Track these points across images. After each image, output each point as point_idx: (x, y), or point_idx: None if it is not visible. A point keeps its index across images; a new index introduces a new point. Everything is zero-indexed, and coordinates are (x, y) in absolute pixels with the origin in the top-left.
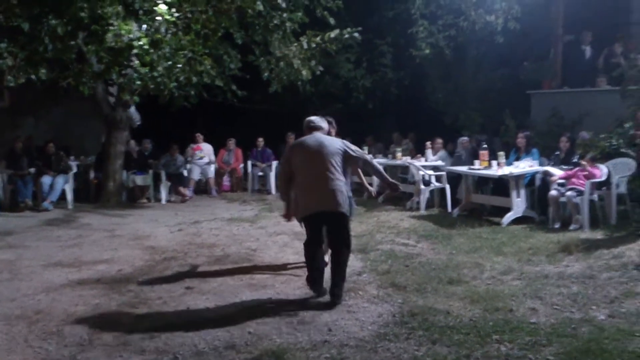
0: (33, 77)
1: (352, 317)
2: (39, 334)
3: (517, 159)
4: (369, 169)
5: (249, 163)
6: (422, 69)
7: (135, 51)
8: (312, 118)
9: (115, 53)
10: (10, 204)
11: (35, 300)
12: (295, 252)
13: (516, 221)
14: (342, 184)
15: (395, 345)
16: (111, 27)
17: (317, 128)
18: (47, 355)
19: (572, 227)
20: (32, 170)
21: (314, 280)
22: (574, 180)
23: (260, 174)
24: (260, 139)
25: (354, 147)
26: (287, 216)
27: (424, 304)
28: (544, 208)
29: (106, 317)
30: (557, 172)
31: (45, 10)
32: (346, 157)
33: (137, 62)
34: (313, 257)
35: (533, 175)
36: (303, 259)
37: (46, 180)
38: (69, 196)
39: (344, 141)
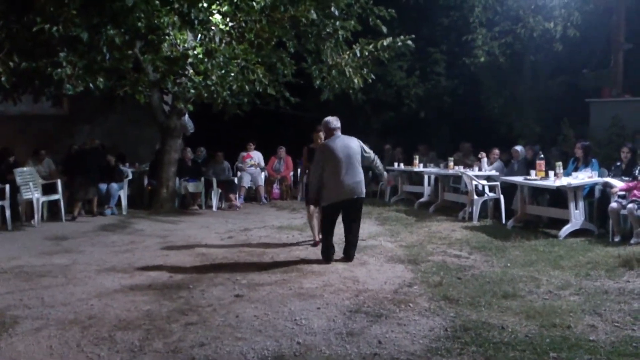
0: (91, 85)
1: (402, 330)
2: (92, 339)
3: (576, 169)
4: (374, 167)
5: (299, 171)
6: (477, 77)
7: (190, 60)
8: (331, 120)
9: (170, 62)
10: (66, 209)
11: (89, 305)
12: (344, 263)
13: (574, 234)
14: (363, 175)
15: None
16: (167, 37)
17: (337, 128)
18: None
19: (633, 241)
20: None
21: (330, 253)
22: (635, 192)
23: None
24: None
25: (366, 147)
26: (315, 203)
27: (478, 318)
28: (603, 221)
29: (157, 323)
30: (618, 184)
31: (103, 21)
32: (362, 154)
33: (191, 71)
34: (332, 235)
35: (592, 187)
36: (344, 267)
37: (102, 186)
38: (124, 202)
39: (359, 141)
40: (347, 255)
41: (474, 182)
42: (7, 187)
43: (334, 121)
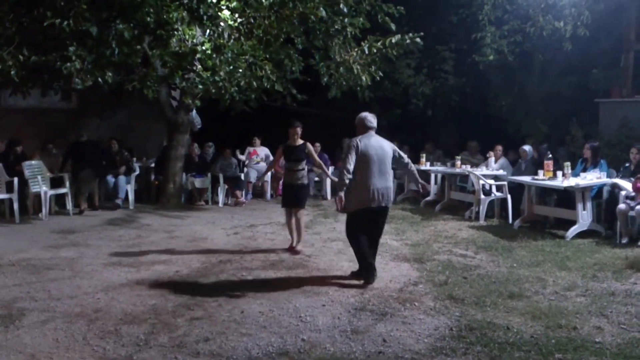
0: (100, 80)
1: (407, 329)
2: (97, 332)
3: (584, 170)
4: (407, 171)
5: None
6: (485, 76)
7: (198, 56)
8: (369, 117)
9: (179, 57)
10: (74, 202)
11: (95, 298)
12: (349, 259)
13: (581, 235)
14: (392, 181)
15: None
16: (176, 32)
17: (373, 128)
18: (104, 354)
19: None
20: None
21: (371, 267)
22: None
23: (317, 179)
24: (317, 144)
25: (400, 151)
26: (342, 209)
27: (483, 318)
28: (611, 222)
29: (163, 318)
30: (626, 185)
31: (113, 15)
32: (394, 158)
33: (199, 66)
34: (365, 245)
35: (600, 188)
36: (350, 265)
37: (110, 179)
38: (131, 197)
39: (393, 144)
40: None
41: (481, 182)
42: (16, 180)
43: (372, 118)
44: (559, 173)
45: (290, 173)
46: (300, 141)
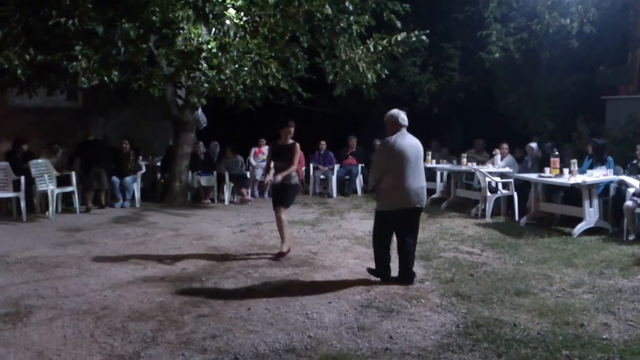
0: (106, 79)
1: (414, 326)
2: (105, 329)
3: (591, 167)
4: None
5: (311, 166)
6: (492, 73)
7: (204, 54)
8: (401, 114)
9: (184, 56)
10: (81, 201)
11: (102, 296)
12: (355, 257)
13: (588, 232)
14: (425, 181)
15: (459, 357)
16: (181, 31)
17: (405, 125)
18: (112, 350)
19: None
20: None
21: (386, 273)
22: None
23: (322, 177)
24: (323, 142)
25: None
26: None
27: (490, 315)
28: (618, 219)
29: (169, 315)
30: (633, 182)
31: (118, 14)
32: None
33: (205, 65)
34: (387, 248)
35: (607, 185)
36: (356, 262)
37: (115, 180)
38: (137, 195)
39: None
40: (405, 276)
41: (487, 179)
42: (22, 178)
43: (404, 116)
44: (566, 170)
45: (280, 173)
46: (291, 141)
